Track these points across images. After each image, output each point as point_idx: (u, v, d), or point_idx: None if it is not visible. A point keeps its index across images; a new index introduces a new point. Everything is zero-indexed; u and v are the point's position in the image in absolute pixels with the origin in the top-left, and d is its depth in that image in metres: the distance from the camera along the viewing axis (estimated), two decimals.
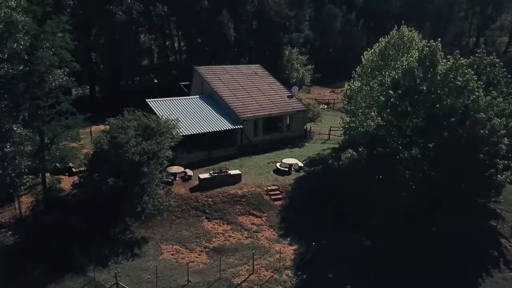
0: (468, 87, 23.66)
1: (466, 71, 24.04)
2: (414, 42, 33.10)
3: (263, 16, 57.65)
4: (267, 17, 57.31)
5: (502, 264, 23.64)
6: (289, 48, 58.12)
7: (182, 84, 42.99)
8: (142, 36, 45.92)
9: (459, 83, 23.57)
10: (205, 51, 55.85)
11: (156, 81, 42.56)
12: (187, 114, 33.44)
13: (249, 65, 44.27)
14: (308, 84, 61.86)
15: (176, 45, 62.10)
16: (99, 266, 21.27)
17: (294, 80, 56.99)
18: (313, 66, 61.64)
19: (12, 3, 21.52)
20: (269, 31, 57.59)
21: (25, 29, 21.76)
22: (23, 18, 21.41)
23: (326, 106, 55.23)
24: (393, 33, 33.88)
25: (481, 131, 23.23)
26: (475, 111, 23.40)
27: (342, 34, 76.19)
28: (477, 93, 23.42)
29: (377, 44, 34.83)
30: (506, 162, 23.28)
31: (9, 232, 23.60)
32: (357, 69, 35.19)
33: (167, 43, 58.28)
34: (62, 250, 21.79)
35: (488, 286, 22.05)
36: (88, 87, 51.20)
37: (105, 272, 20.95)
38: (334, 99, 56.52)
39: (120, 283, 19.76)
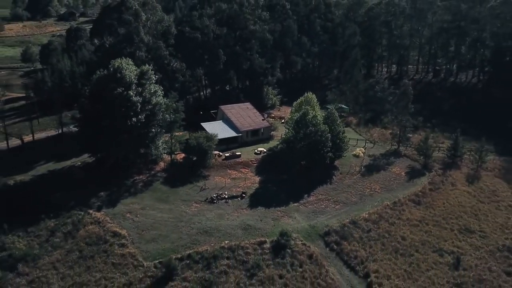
0: (318, 123, 69.51)
1: (318, 117, 69.94)
2: (313, 100, 79.21)
3: (251, 68, 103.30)
4: (254, 69, 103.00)
5: (328, 183, 69.86)
6: (266, 86, 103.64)
7: (212, 112, 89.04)
8: (190, 85, 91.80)
9: (314, 121, 69.52)
10: (220, 89, 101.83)
11: (201, 112, 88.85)
12: (218, 129, 79.13)
13: (245, 103, 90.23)
14: (278, 106, 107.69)
15: (203, 82, 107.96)
16: (196, 183, 67.49)
17: (269, 105, 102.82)
18: (281, 96, 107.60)
19: (160, 94, 67.56)
20: (254, 77, 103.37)
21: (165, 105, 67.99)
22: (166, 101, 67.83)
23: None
24: (306, 95, 79.98)
25: (322, 139, 69.22)
26: (320, 131, 69.37)
27: (301, 71, 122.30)
28: (319, 126, 69.31)
29: (301, 98, 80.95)
30: (330, 149, 69.41)
31: (162, 173, 69.74)
32: (291, 108, 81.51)
33: (199, 83, 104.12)
34: (185, 179, 67.94)
35: (321, 190, 68.19)
36: None
37: (199, 183, 67.20)
38: None
39: (205, 184, 66.12)
